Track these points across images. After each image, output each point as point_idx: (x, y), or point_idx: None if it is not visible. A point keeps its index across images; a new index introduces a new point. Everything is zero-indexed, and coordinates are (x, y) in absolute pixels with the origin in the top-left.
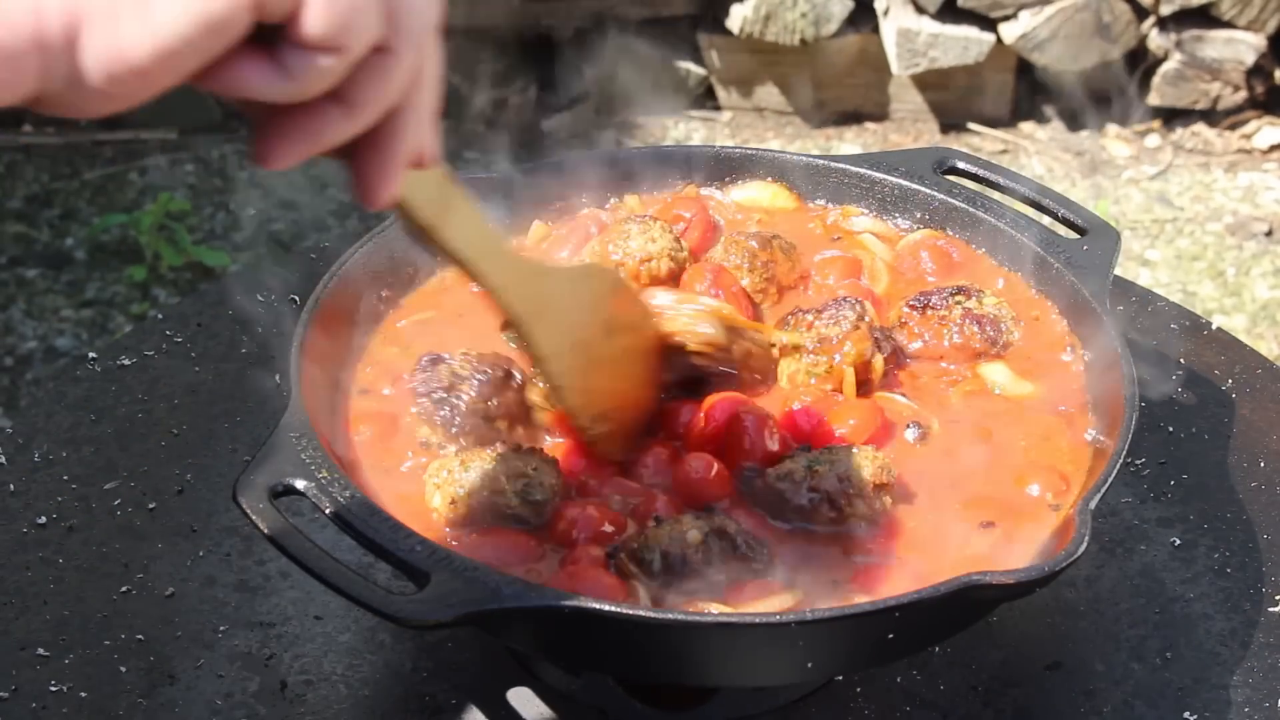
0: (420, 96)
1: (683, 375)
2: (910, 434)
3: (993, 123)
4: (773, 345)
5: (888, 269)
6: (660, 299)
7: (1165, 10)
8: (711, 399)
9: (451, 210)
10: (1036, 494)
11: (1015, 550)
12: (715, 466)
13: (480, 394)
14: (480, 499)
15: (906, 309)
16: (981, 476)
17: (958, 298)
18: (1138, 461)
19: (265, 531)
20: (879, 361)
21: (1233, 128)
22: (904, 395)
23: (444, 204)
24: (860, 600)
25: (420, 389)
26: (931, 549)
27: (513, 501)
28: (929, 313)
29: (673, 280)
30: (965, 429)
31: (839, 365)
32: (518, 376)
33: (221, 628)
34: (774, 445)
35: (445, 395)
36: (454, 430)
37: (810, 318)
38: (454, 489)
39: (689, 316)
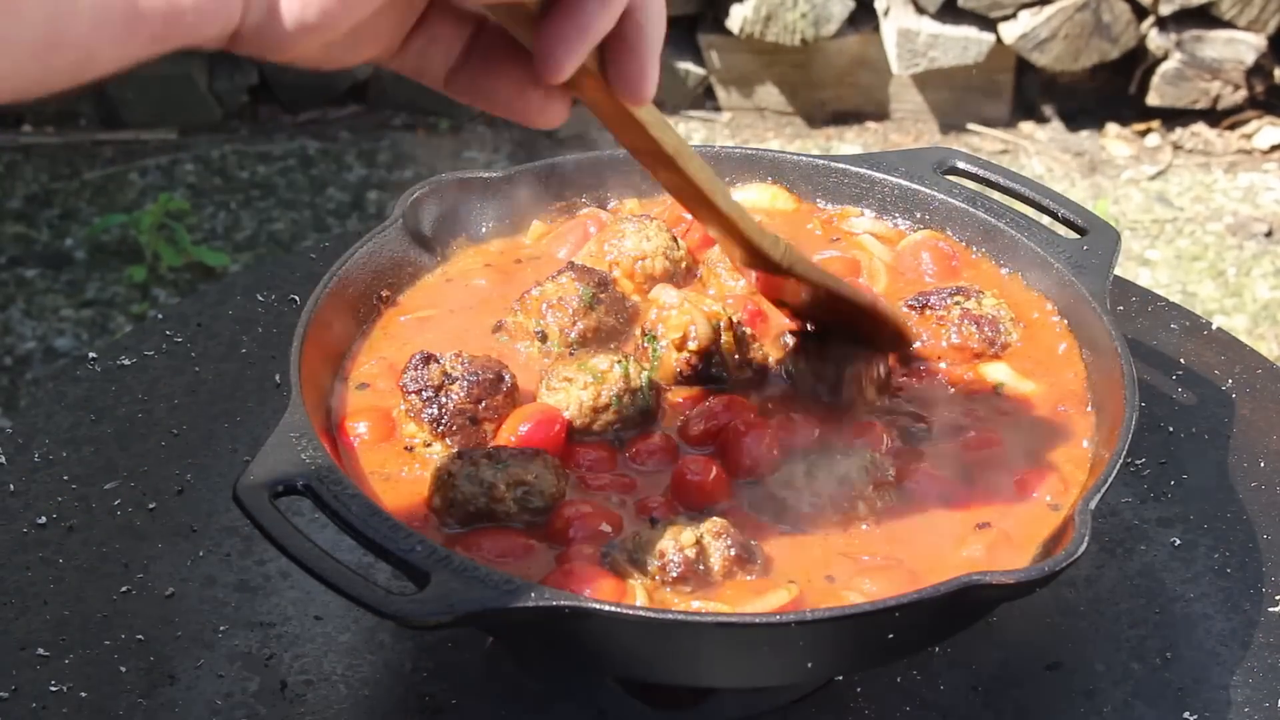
0: None
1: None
2: (909, 434)
3: (993, 123)
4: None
5: (886, 269)
6: (666, 296)
7: (1165, 10)
8: (708, 400)
9: (683, 146)
10: (1036, 494)
11: (1014, 551)
12: (714, 470)
13: (469, 395)
14: (479, 505)
15: (905, 308)
16: (980, 477)
17: (956, 298)
18: (1138, 461)
19: (265, 531)
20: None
21: (1233, 128)
22: (903, 397)
23: (677, 139)
24: (858, 600)
25: (410, 386)
26: (929, 549)
27: (511, 509)
28: (927, 313)
29: (668, 279)
30: (963, 430)
31: None
32: (508, 379)
33: (221, 628)
34: (771, 453)
35: (434, 394)
36: (440, 429)
37: (806, 341)
38: (453, 493)
39: (685, 314)
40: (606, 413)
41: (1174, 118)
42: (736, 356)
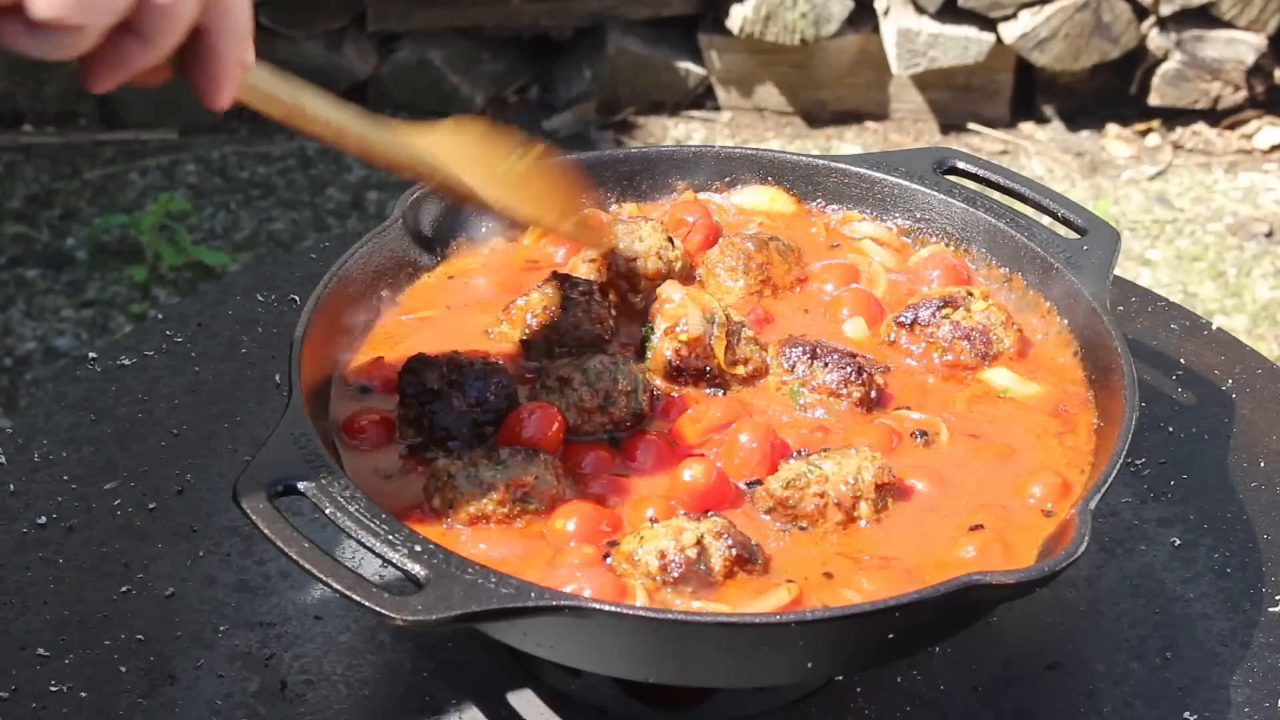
0: (224, 19)
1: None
2: (913, 438)
3: (993, 123)
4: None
5: (885, 274)
6: (670, 291)
7: (1165, 10)
8: (708, 402)
9: (303, 99)
10: (1036, 495)
11: (1007, 552)
12: (714, 473)
13: (469, 398)
14: (479, 506)
15: (896, 326)
16: (981, 479)
17: (945, 310)
18: (1138, 461)
19: (265, 531)
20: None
21: (1233, 128)
22: (909, 408)
23: (294, 95)
24: (855, 599)
25: (408, 390)
26: (925, 549)
27: (511, 510)
28: (917, 329)
29: (662, 279)
30: (966, 432)
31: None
32: (507, 382)
33: (221, 628)
34: (771, 454)
35: (433, 398)
36: (441, 433)
37: (807, 358)
38: (453, 494)
39: (682, 307)
40: (599, 414)
41: (1174, 118)
42: (727, 352)
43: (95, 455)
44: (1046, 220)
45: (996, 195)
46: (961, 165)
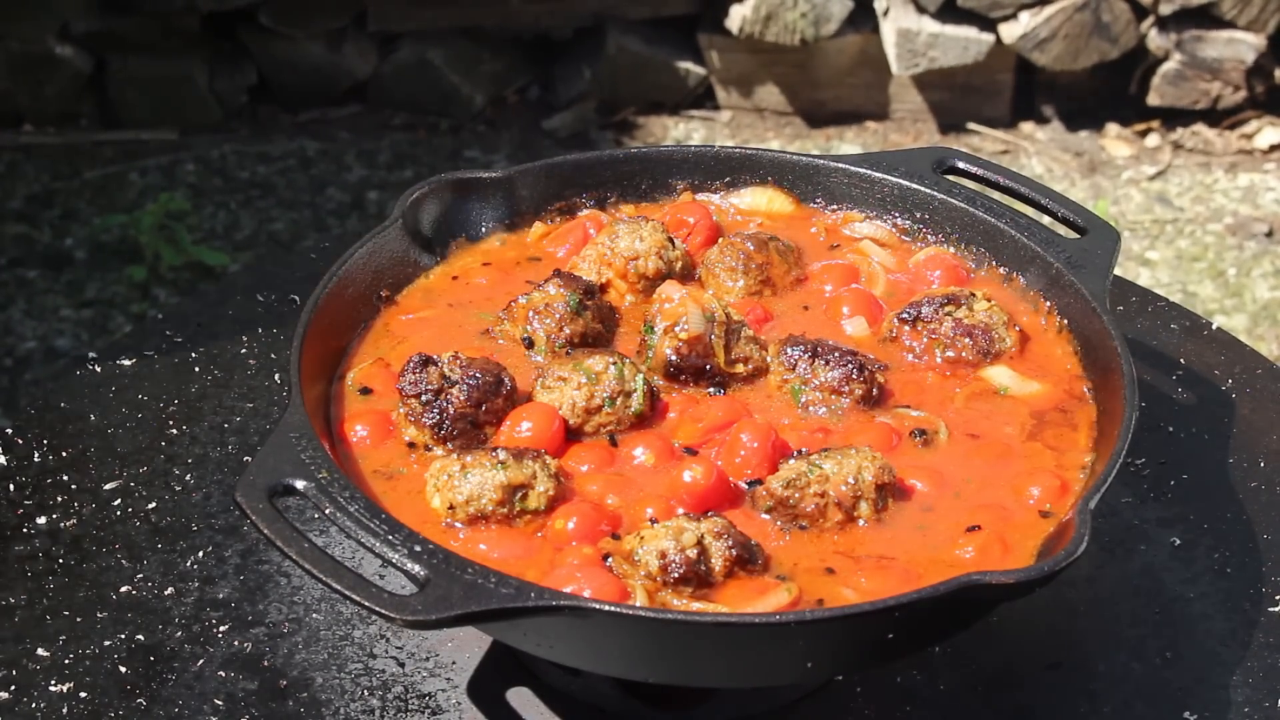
0: None
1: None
2: (913, 438)
3: (992, 123)
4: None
5: (885, 273)
6: (670, 290)
7: (1165, 10)
8: (708, 402)
9: None
10: (1035, 495)
11: (1005, 553)
12: (714, 473)
13: (470, 399)
14: (479, 506)
15: (897, 322)
16: (980, 479)
17: (948, 308)
18: (1138, 461)
19: (265, 531)
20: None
21: (1233, 128)
22: (909, 406)
23: None
24: (853, 598)
25: (408, 390)
26: (924, 549)
27: (511, 509)
28: (919, 326)
29: (662, 279)
30: (965, 431)
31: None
32: (508, 382)
33: (221, 628)
34: (772, 453)
35: (434, 398)
36: (441, 433)
37: (808, 356)
38: (453, 494)
39: (682, 306)
40: (599, 414)
41: (1174, 118)
42: (727, 351)
43: (95, 455)
44: (1046, 220)
45: (996, 195)
46: (961, 165)
